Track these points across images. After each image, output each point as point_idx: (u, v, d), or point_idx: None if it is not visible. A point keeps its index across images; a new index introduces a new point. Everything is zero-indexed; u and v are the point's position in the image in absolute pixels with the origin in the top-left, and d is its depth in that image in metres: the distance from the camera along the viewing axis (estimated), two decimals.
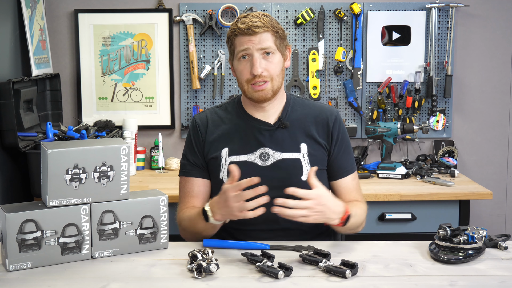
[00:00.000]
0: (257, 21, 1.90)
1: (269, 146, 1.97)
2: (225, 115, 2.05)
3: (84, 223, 1.71)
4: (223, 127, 2.02)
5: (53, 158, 1.65)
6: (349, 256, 1.72)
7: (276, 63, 1.94)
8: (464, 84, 3.44)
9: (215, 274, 1.60)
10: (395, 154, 3.43)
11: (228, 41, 1.98)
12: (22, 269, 1.65)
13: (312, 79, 3.34)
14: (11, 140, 2.62)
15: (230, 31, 1.96)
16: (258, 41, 1.90)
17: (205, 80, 3.38)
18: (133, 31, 3.35)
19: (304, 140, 1.99)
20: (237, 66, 1.96)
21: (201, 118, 2.06)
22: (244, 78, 1.94)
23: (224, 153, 1.98)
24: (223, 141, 2.00)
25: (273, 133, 1.98)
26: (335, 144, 2.02)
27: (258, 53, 1.91)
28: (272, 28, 1.92)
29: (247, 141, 1.99)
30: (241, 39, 1.91)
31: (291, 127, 1.99)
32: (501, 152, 3.48)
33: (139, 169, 3.32)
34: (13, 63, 2.85)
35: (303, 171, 1.96)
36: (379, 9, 3.35)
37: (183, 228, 1.99)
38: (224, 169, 1.97)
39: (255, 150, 1.97)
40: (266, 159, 1.96)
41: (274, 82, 1.94)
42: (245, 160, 1.97)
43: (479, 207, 3.43)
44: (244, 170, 1.92)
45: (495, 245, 1.81)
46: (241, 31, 1.91)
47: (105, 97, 3.38)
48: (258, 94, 1.93)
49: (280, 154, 1.97)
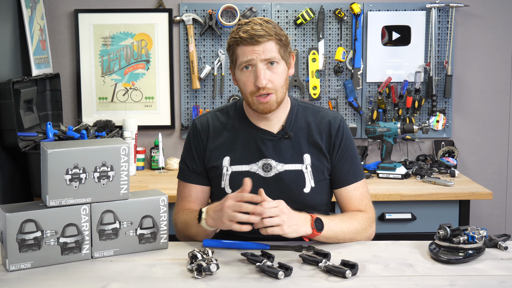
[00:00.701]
0: (259, 30, 1.81)
1: (272, 157, 1.92)
2: (226, 120, 1.98)
3: (84, 223, 1.71)
4: (224, 135, 1.96)
5: (53, 158, 1.65)
6: (349, 256, 1.72)
7: (280, 73, 1.86)
8: (464, 84, 3.44)
9: (215, 274, 1.60)
10: (395, 154, 3.43)
11: (229, 49, 1.89)
12: (22, 269, 1.65)
13: (312, 79, 3.34)
14: (11, 140, 2.62)
15: (231, 39, 1.86)
16: (262, 51, 1.81)
17: (205, 80, 3.38)
18: (133, 31, 3.35)
19: (308, 150, 1.93)
20: (239, 77, 1.88)
21: (202, 124, 1.99)
22: (248, 90, 1.86)
23: (226, 163, 1.94)
24: (225, 149, 1.95)
25: (276, 143, 1.93)
26: (337, 153, 1.95)
27: (262, 64, 1.82)
28: (275, 36, 1.83)
29: (249, 150, 1.93)
30: (244, 49, 1.83)
31: (294, 136, 1.94)
32: (501, 152, 3.48)
33: (139, 169, 3.32)
34: (13, 63, 2.85)
35: (306, 183, 1.92)
36: (379, 9, 3.36)
37: (178, 230, 1.98)
38: (226, 178, 1.93)
39: (257, 161, 1.93)
40: (269, 170, 1.92)
41: (279, 94, 1.87)
42: (247, 170, 1.92)
43: (479, 207, 3.43)
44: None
45: (495, 245, 1.81)
46: (243, 40, 1.81)
47: (105, 97, 3.38)
48: (263, 106, 1.86)
49: (282, 165, 1.92)
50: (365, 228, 1.92)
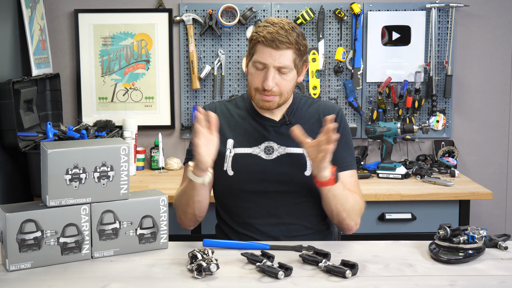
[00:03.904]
0: (283, 36, 1.87)
1: (274, 140, 1.99)
2: (233, 109, 2.07)
3: (84, 223, 1.71)
4: (230, 120, 2.04)
5: (53, 158, 1.65)
6: (349, 256, 1.72)
7: (289, 80, 1.93)
8: (464, 84, 3.44)
9: (215, 274, 1.60)
10: (395, 154, 3.43)
11: (250, 41, 1.95)
12: (22, 269, 1.65)
13: (312, 79, 3.34)
14: (11, 140, 2.62)
15: (255, 33, 1.92)
16: (278, 57, 1.88)
17: (205, 80, 3.38)
18: (133, 31, 3.35)
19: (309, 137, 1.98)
20: (251, 70, 1.96)
21: (210, 108, 2.08)
22: (254, 86, 1.94)
23: (229, 145, 2.00)
24: (229, 133, 2.01)
25: (278, 129, 2.00)
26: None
27: (274, 69, 1.90)
28: (295, 45, 1.89)
29: (252, 134, 2.01)
30: (263, 49, 1.89)
31: (295, 124, 1.97)
32: (501, 152, 3.48)
33: (139, 169, 3.32)
34: (13, 63, 2.85)
35: (307, 166, 1.96)
36: (379, 9, 3.35)
37: (176, 206, 1.99)
38: (228, 160, 1.99)
39: (259, 144, 1.99)
40: (271, 152, 1.98)
41: (282, 97, 1.95)
42: (250, 152, 1.99)
43: (479, 207, 3.43)
44: (249, 162, 1.98)
45: (495, 245, 1.81)
46: (265, 40, 1.88)
47: (105, 97, 3.38)
48: (263, 104, 1.95)
49: (284, 148, 1.98)
50: (357, 210, 1.96)
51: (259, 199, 1.98)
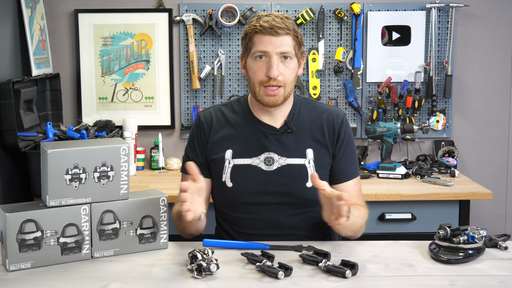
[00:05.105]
0: (280, 22, 1.85)
1: (274, 151, 1.92)
2: (230, 114, 2.00)
3: (84, 223, 1.71)
4: (227, 128, 1.97)
5: (53, 158, 1.65)
6: (349, 256, 1.72)
7: (292, 68, 1.89)
8: (464, 84, 3.44)
9: (215, 274, 1.60)
10: (395, 154, 3.43)
11: (245, 37, 1.91)
12: (22, 269, 1.65)
13: (312, 79, 3.34)
14: (11, 140, 2.62)
15: (249, 27, 1.89)
16: (279, 44, 1.85)
17: (205, 80, 3.38)
18: (133, 31, 3.35)
19: (311, 145, 1.94)
20: (251, 65, 1.90)
21: (205, 116, 2.00)
22: (258, 79, 1.88)
23: (228, 155, 1.94)
24: (227, 142, 1.95)
25: (279, 137, 1.94)
26: (340, 146, 1.96)
27: (276, 56, 1.86)
28: (293, 32, 1.87)
29: (251, 144, 1.94)
30: (262, 38, 1.86)
31: (297, 131, 1.94)
32: (501, 152, 3.48)
33: (139, 169, 3.32)
34: (13, 63, 2.85)
35: (308, 177, 1.92)
36: (379, 9, 3.35)
37: (174, 222, 1.98)
38: (227, 171, 1.93)
39: (259, 154, 1.93)
40: (271, 164, 1.92)
41: (287, 88, 1.89)
42: (249, 163, 1.92)
43: (479, 207, 3.43)
44: (248, 173, 1.92)
45: (495, 245, 1.81)
46: (263, 29, 1.85)
47: (105, 97, 3.38)
48: (268, 99, 1.89)
49: (285, 159, 1.92)
50: (363, 224, 1.95)
51: (259, 211, 1.93)
